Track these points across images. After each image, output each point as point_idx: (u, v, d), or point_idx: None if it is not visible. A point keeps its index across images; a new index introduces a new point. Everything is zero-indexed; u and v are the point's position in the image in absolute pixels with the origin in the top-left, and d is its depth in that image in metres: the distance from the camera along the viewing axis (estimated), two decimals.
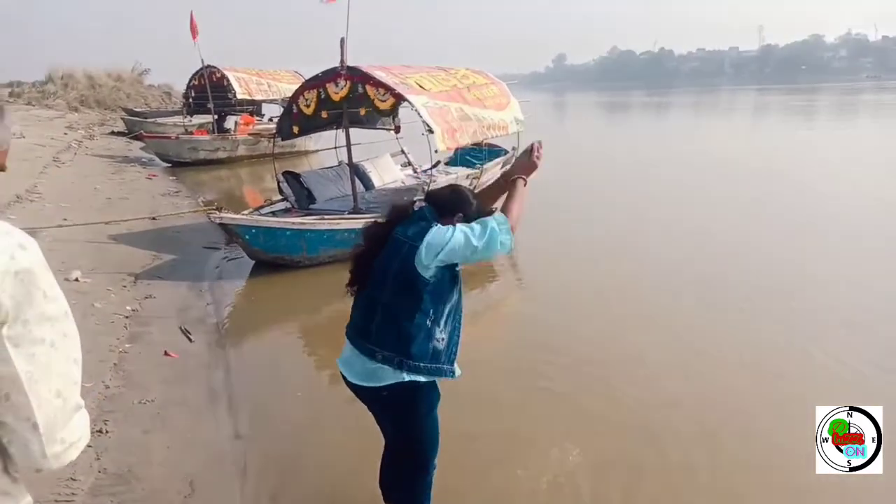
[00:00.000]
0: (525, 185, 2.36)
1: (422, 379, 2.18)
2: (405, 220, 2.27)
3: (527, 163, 2.39)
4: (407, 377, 2.15)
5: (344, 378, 2.31)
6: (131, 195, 10.57)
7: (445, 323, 2.21)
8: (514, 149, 9.81)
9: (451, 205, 2.28)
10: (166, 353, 4.32)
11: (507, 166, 9.92)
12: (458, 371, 2.27)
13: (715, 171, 12.43)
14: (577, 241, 7.77)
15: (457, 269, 2.25)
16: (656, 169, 13.21)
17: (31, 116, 19.56)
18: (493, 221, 2.14)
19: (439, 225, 2.18)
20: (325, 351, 4.86)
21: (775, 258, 6.29)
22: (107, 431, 3.35)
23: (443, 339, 2.20)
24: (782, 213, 8.61)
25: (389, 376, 2.17)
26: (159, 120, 21.37)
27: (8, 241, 1.05)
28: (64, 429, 1.10)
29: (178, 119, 20.28)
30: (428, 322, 2.16)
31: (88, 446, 1.46)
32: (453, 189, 2.41)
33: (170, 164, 14.97)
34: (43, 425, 1.06)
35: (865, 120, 26.10)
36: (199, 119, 19.02)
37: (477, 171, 8.53)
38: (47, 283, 1.09)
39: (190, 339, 4.73)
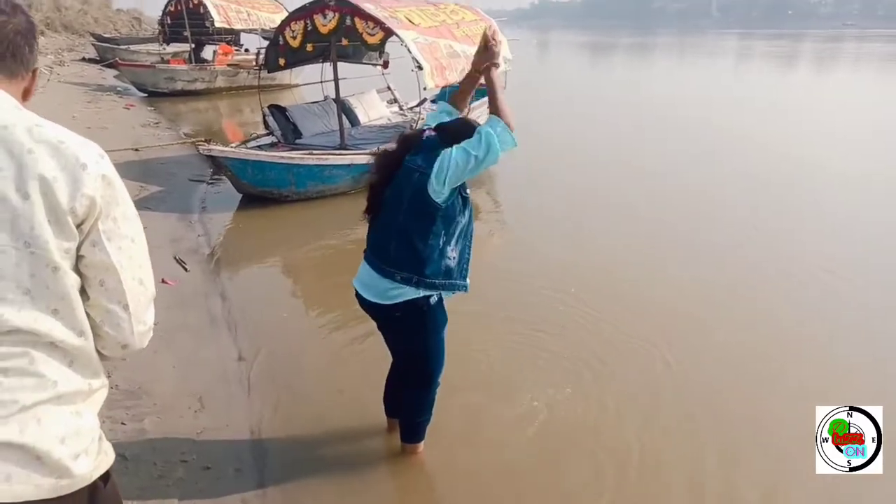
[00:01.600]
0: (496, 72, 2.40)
1: (435, 296, 2.38)
2: (415, 148, 2.36)
3: (486, 54, 2.42)
4: (423, 293, 2.34)
5: (359, 297, 2.48)
6: (110, 125, 10.37)
7: (456, 242, 2.36)
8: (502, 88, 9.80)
9: (458, 133, 2.33)
10: (164, 281, 4.45)
11: None
12: (468, 284, 2.45)
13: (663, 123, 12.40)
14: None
15: (466, 192, 2.38)
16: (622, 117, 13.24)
17: None
18: (486, 127, 2.22)
19: (444, 153, 2.27)
20: (315, 279, 5.04)
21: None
22: None
23: (454, 258, 2.37)
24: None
25: (406, 294, 2.34)
26: (132, 47, 20.61)
27: (90, 149, 1.18)
28: (145, 312, 1.27)
29: (152, 47, 19.60)
30: (440, 242, 2.31)
31: None
32: (463, 120, 2.49)
33: (146, 94, 14.59)
34: (132, 307, 1.22)
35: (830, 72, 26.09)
36: (174, 47, 18.39)
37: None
38: (122, 187, 1.23)
39: (185, 269, 4.86)
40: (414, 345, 2.55)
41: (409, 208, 2.30)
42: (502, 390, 3.31)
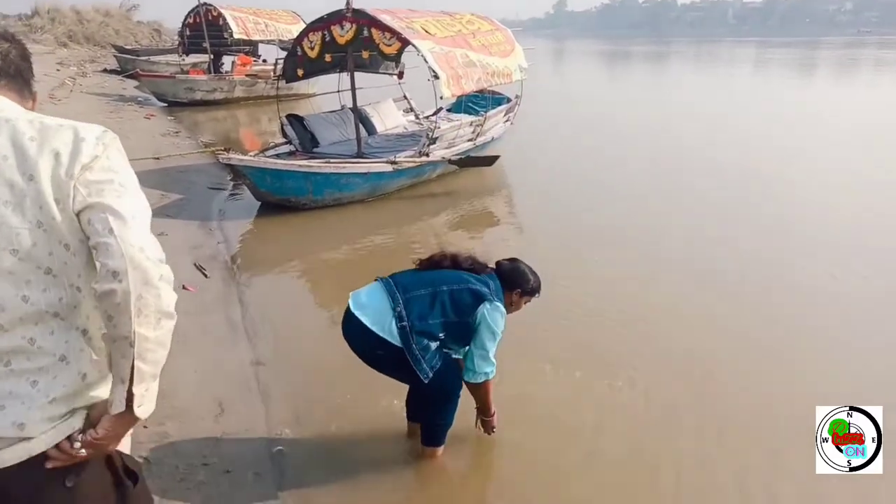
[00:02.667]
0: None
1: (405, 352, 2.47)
2: (482, 273, 2.67)
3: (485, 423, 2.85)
4: (398, 342, 2.44)
5: (347, 316, 2.57)
6: (132, 134, 10.52)
7: (447, 350, 2.61)
8: (517, 97, 9.85)
9: (513, 281, 2.69)
10: (184, 287, 4.51)
11: (511, 114, 9.96)
12: (430, 375, 2.52)
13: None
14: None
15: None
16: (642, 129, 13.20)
17: None
18: (492, 370, 2.60)
19: (499, 309, 2.55)
20: (332, 286, 5.08)
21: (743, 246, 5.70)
22: None
23: (436, 347, 2.53)
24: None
25: (388, 332, 2.45)
26: (152, 58, 20.93)
27: (91, 128, 1.23)
28: (138, 237, 1.18)
29: (171, 58, 19.89)
30: (439, 335, 2.52)
31: None
32: (515, 267, 2.75)
33: (166, 104, 14.82)
34: (117, 231, 1.16)
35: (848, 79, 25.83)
36: (194, 58, 18.67)
37: (480, 118, 8.58)
38: (124, 161, 1.27)
39: (205, 275, 4.92)
40: (410, 382, 2.66)
41: (458, 294, 2.52)
42: (521, 396, 3.31)
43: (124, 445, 1.33)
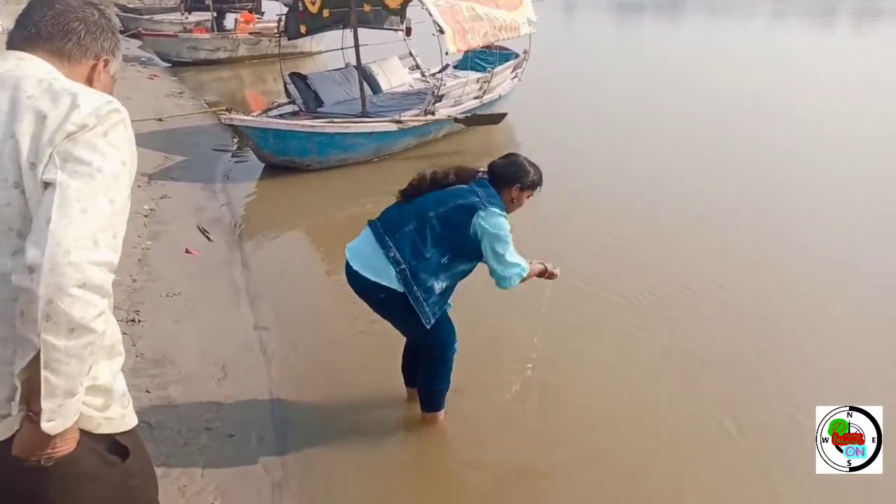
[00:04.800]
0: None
1: (406, 295, 2.40)
2: (470, 181, 2.53)
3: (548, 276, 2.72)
4: (400, 287, 2.38)
5: (348, 269, 2.52)
6: (134, 95, 10.37)
7: (449, 276, 2.48)
8: (525, 52, 9.57)
9: (509, 176, 2.53)
10: (187, 251, 4.48)
11: (519, 70, 9.67)
12: (432, 321, 2.44)
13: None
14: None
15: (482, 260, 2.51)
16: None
17: (18, 10, 18.77)
18: (512, 274, 2.44)
19: (494, 213, 2.40)
20: (337, 249, 4.97)
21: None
22: (139, 321, 3.56)
23: (439, 287, 2.44)
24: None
25: (387, 277, 2.38)
26: (155, 17, 20.53)
27: (96, 97, 1.18)
28: (73, 240, 1.07)
29: (174, 17, 19.50)
30: (442, 263, 2.42)
31: (124, 333, 1.55)
32: (511, 161, 2.59)
33: (170, 64, 14.59)
34: (53, 226, 1.06)
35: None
36: (196, 17, 18.31)
37: (487, 75, 8.36)
38: (120, 139, 1.20)
39: (209, 238, 4.89)
40: (413, 331, 2.58)
41: (445, 216, 2.41)
42: (519, 359, 3.27)
43: (113, 425, 1.28)
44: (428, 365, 2.66)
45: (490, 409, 2.95)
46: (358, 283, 2.49)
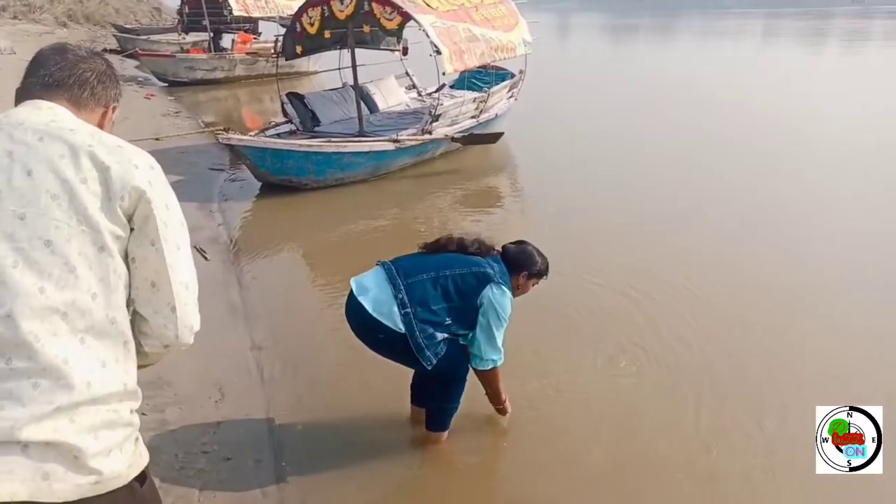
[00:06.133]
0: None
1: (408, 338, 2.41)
2: (487, 255, 2.61)
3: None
4: (402, 328, 2.39)
5: (351, 301, 2.52)
6: (131, 115, 10.37)
7: (449, 334, 2.52)
8: (521, 72, 9.65)
9: (520, 263, 2.65)
10: None
11: (515, 90, 9.75)
12: (433, 362, 2.46)
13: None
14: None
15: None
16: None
17: (20, 31, 18.93)
18: (499, 357, 2.56)
19: (505, 294, 2.50)
20: (334, 269, 5.00)
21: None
22: None
23: (441, 337, 2.47)
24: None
25: (391, 316, 2.40)
26: (152, 37, 20.64)
27: (143, 156, 1.29)
28: (192, 315, 1.35)
29: (171, 37, 19.62)
30: (445, 322, 2.47)
31: None
32: (522, 249, 2.70)
33: (166, 84, 14.65)
34: (179, 311, 1.30)
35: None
36: (193, 37, 18.42)
37: (483, 94, 8.41)
38: (171, 195, 1.33)
39: (205, 258, 4.85)
40: (412, 366, 2.61)
41: (461, 277, 2.48)
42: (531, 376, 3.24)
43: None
44: (440, 384, 2.63)
45: (494, 436, 2.90)
46: (358, 317, 2.50)
